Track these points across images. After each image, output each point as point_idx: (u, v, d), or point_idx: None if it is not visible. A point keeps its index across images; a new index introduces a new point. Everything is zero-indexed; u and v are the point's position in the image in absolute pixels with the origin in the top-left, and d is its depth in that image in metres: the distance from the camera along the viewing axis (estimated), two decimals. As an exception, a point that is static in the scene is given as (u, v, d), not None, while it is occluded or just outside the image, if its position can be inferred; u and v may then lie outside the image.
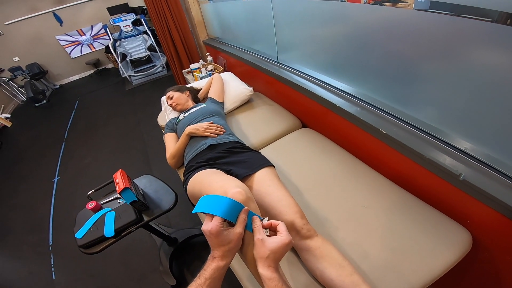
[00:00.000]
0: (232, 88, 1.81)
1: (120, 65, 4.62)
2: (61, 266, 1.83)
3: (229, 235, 0.55)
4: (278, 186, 0.96)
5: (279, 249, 0.55)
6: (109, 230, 1.09)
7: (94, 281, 1.66)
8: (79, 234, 1.10)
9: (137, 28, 4.57)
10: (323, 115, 1.39)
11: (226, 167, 1.06)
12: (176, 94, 1.60)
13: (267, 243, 0.56)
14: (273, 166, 1.09)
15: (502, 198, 0.70)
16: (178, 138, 1.41)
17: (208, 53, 2.76)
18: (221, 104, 1.66)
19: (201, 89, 1.82)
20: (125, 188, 1.07)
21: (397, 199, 0.99)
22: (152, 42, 4.62)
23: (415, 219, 0.90)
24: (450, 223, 0.87)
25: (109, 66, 6.39)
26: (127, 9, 5.11)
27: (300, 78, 1.47)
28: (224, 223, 0.57)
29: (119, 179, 1.12)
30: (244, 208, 0.60)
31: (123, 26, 4.43)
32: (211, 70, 2.47)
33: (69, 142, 3.46)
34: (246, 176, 1.02)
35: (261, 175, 1.00)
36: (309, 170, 1.22)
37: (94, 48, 6.08)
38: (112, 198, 1.28)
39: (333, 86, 1.31)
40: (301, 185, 1.14)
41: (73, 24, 5.67)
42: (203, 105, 1.52)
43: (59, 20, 5.52)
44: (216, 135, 1.27)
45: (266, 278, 0.54)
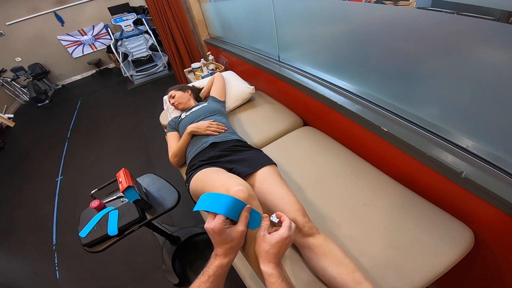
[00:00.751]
0: (234, 87, 1.81)
1: (122, 65, 4.64)
2: (65, 265, 1.84)
3: (232, 233, 0.56)
4: (280, 184, 0.96)
5: (277, 244, 0.56)
6: (113, 229, 1.09)
7: (98, 280, 1.67)
8: (83, 233, 1.11)
9: (138, 28, 4.58)
10: (325, 114, 1.39)
11: (228, 166, 1.06)
12: (178, 93, 1.61)
13: (267, 239, 0.57)
14: (275, 164, 1.10)
15: (505, 196, 0.70)
16: (180, 137, 1.41)
17: (210, 52, 2.76)
18: (223, 103, 1.66)
19: (203, 88, 1.82)
20: (128, 187, 1.08)
21: (399, 197, 0.99)
22: (154, 42, 4.63)
23: (417, 217, 0.90)
24: (452, 221, 0.87)
25: (111, 66, 6.41)
26: (128, 9, 5.12)
27: (302, 77, 1.48)
28: (227, 221, 0.57)
29: (122, 178, 1.12)
30: (246, 206, 0.60)
31: (124, 26, 4.44)
32: (213, 69, 2.48)
33: (72, 142, 3.48)
34: (248, 174, 1.02)
35: (263, 173, 1.00)
36: (311, 168, 1.22)
37: (96, 48, 6.10)
38: (115, 197, 1.29)
39: (335, 85, 1.31)
40: (303, 183, 1.15)
41: (75, 24, 5.69)
42: (205, 104, 1.53)
43: (61, 20, 5.54)
44: (218, 134, 1.27)
45: (266, 274, 0.55)
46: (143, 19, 4.56)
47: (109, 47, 5.51)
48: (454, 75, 0.79)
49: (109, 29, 4.82)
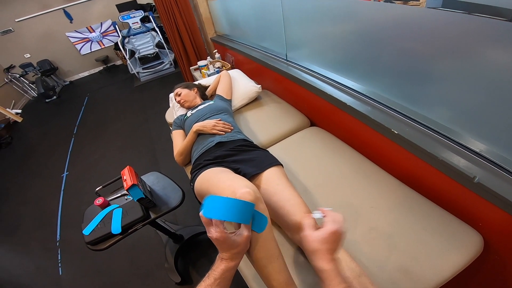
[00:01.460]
0: (240, 86, 1.80)
1: (129, 62, 4.66)
2: (68, 262, 1.86)
3: (237, 239, 0.56)
4: (287, 186, 0.95)
5: (325, 240, 0.57)
6: (116, 227, 1.09)
7: (100, 277, 1.68)
8: (87, 231, 1.11)
9: (146, 25, 4.60)
10: (333, 114, 1.37)
11: (234, 166, 1.05)
12: (184, 91, 1.60)
13: (312, 238, 0.58)
14: (282, 165, 1.08)
15: (518, 202, 0.68)
16: (186, 135, 1.41)
17: (216, 50, 2.75)
18: (229, 102, 1.65)
19: (209, 86, 1.82)
20: (133, 185, 1.07)
21: (407, 200, 0.97)
22: (160, 39, 4.64)
23: (425, 221, 0.89)
24: (461, 226, 0.85)
25: (118, 63, 6.45)
26: (136, 6, 5.13)
27: (309, 76, 1.45)
28: (227, 225, 0.56)
29: (127, 176, 1.12)
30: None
31: (132, 23, 4.46)
32: (219, 67, 2.47)
33: (78, 138, 3.51)
34: (254, 175, 1.01)
35: (270, 174, 0.99)
36: (318, 169, 1.20)
37: (104, 45, 6.16)
38: (120, 195, 1.29)
39: (343, 85, 1.29)
40: (310, 185, 1.13)
41: (83, 21, 5.75)
42: (211, 102, 1.51)
43: (69, 17, 5.60)
44: (224, 133, 1.26)
45: (318, 270, 0.57)
46: (150, 17, 4.57)
47: (117, 44, 5.56)
48: (466, 76, 0.77)
49: (117, 26, 4.85)
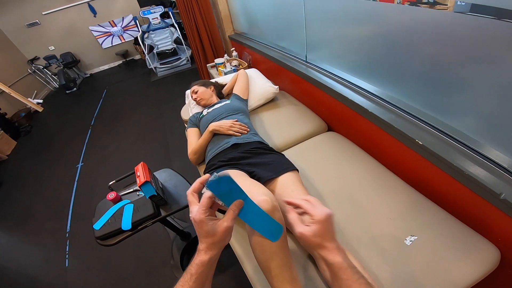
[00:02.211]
0: (258, 86, 1.77)
1: (147, 57, 4.74)
2: (76, 254, 1.87)
3: (215, 227, 0.49)
4: (301, 192, 0.92)
5: (322, 231, 0.53)
6: (127, 223, 1.09)
7: (106, 271, 1.68)
8: (97, 225, 1.11)
9: (165, 21, 4.65)
10: (352, 120, 1.32)
11: (249, 169, 1.02)
12: (201, 89, 1.59)
13: (309, 234, 0.53)
14: (297, 170, 1.05)
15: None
16: (201, 134, 1.39)
17: (234, 48, 2.74)
18: (246, 101, 1.63)
19: (226, 85, 1.80)
20: (146, 182, 1.07)
21: (426, 212, 0.94)
22: (179, 35, 4.68)
23: (443, 234, 0.86)
24: (479, 239, 0.84)
25: (137, 57, 6.58)
26: (156, 1, 5.20)
27: (329, 79, 1.41)
28: (210, 211, 0.52)
29: (140, 172, 1.12)
30: (238, 201, 0.53)
31: (152, 19, 4.52)
32: (236, 66, 2.45)
33: (95, 130, 3.59)
34: (269, 180, 0.98)
35: (285, 180, 0.96)
36: (334, 177, 1.16)
37: (124, 39, 6.29)
38: (132, 190, 1.29)
39: (365, 90, 1.24)
40: (324, 192, 1.09)
41: (106, 16, 5.89)
42: (228, 102, 1.49)
43: (93, 11, 5.74)
44: (240, 134, 1.24)
45: (330, 264, 0.53)
46: (170, 12, 4.62)
47: (136, 39, 5.66)
48: (497, 85, 0.73)
49: (137, 21, 4.93)
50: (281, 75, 1.93)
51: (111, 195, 1.19)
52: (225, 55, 2.73)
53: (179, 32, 4.65)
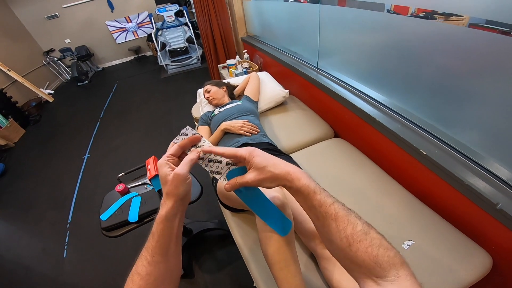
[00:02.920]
0: (269, 89, 1.82)
1: (159, 54, 4.81)
2: (74, 245, 1.84)
3: (168, 173, 0.44)
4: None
5: (260, 163, 0.44)
6: (134, 215, 1.10)
7: (103, 263, 1.67)
8: (104, 216, 1.12)
9: (179, 19, 4.72)
10: (359, 127, 1.35)
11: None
12: (214, 89, 1.63)
13: (253, 173, 0.45)
14: (303, 173, 1.07)
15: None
16: (212, 132, 1.43)
17: (245, 51, 2.78)
18: (256, 104, 1.67)
19: (237, 86, 1.84)
20: (156, 175, 1.08)
21: (424, 219, 0.98)
22: (191, 34, 4.75)
23: (439, 240, 0.90)
24: (473, 246, 0.88)
25: (148, 54, 6.67)
26: (172, 0, 5.29)
27: (339, 87, 1.44)
28: (178, 161, 0.48)
29: (151, 166, 1.13)
30: (200, 149, 0.49)
31: (167, 16, 4.60)
32: (247, 68, 2.50)
33: (104, 122, 3.64)
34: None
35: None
36: (339, 182, 1.19)
37: (138, 36, 6.38)
38: (140, 183, 1.30)
39: (374, 99, 1.27)
40: (329, 196, 1.12)
41: (123, 11, 5.98)
42: (239, 103, 1.54)
43: (111, 6, 5.84)
44: (250, 134, 1.28)
45: (295, 194, 0.46)
46: (184, 11, 4.70)
47: (150, 36, 5.75)
48: (504, 101, 0.76)
49: (152, 18, 5.01)
50: (291, 80, 1.97)
51: (120, 187, 1.20)
52: (237, 57, 2.78)
53: (192, 32, 4.73)
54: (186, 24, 4.73)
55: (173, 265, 0.48)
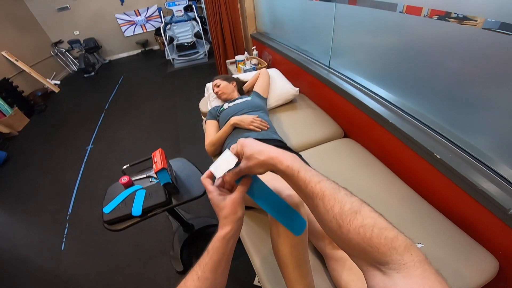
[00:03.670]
0: (278, 86, 1.79)
1: (167, 48, 4.80)
2: (73, 237, 1.81)
3: (225, 201, 0.49)
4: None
5: (250, 152, 0.47)
6: (137, 209, 1.06)
7: (101, 256, 1.64)
8: (107, 209, 1.09)
9: (188, 14, 4.71)
10: (370, 128, 1.33)
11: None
12: (224, 83, 1.61)
13: (245, 162, 0.47)
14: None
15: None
16: (219, 127, 1.42)
17: (254, 47, 2.76)
18: (265, 100, 1.65)
19: (247, 82, 1.82)
20: (163, 169, 1.05)
21: (433, 222, 0.98)
22: (199, 29, 4.74)
23: (448, 243, 0.90)
24: (481, 250, 0.88)
25: (155, 48, 6.66)
26: (181, -6, 5.27)
27: (351, 86, 1.42)
28: (223, 190, 0.52)
29: (158, 159, 1.09)
30: (246, 178, 0.52)
31: (176, 11, 4.58)
32: (255, 64, 2.48)
33: (109, 114, 3.63)
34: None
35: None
36: (347, 183, 1.14)
37: (146, 29, 6.37)
38: (145, 176, 1.26)
39: (386, 99, 1.25)
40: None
41: (133, 4, 5.97)
42: (249, 98, 1.52)
43: (122, -1, 5.85)
44: (260, 130, 1.26)
45: (282, 175, 0.46)
46: (194, 6, 4.68)
47: (158, 30, 5.73)
48: None
49: (161, 12, 4.99)
50: (301, 78, 1.94)
51: (124, 179, 1.16)
52: (245, 53, 2.76)
53: (200, 27, 4.71)
54: (195, 19, 4.71)
55: (219, 284, 0.51)
